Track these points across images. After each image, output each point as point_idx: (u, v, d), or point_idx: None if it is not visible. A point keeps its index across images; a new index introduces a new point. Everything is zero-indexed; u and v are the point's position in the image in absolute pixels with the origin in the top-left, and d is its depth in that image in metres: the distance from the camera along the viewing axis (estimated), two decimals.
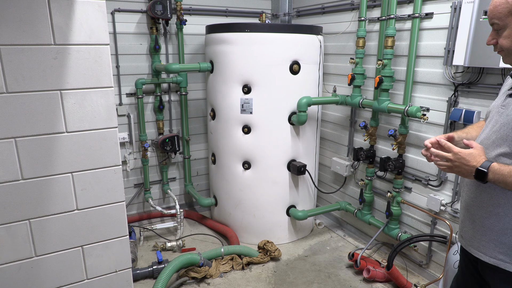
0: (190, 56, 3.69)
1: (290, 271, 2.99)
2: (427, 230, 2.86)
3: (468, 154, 1.34)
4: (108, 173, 1.80)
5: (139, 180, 3.73)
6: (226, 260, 3.00)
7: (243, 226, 3.40)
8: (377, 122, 3.07)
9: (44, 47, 1.51)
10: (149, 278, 2.85)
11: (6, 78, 1.47)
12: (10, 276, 1.70)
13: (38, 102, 1.55)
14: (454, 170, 1.39)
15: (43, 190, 1.66)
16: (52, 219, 1.73)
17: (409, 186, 2.95)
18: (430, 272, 2.87)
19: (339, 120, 3.56)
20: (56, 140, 1.64)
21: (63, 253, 1.81)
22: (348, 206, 3.45)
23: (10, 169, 1.57)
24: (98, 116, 1.70)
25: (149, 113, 3.62)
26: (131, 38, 3.38)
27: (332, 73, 3.55)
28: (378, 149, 3.16)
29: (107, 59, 1.66)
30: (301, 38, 3.04)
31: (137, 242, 3.35)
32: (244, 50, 3.00)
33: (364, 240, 3.46)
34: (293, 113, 3.13)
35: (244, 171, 3.25)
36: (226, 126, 3.22)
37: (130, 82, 3.44)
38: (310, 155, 3.36)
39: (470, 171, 1.34)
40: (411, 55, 2.67)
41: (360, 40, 3.00)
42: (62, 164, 1.68)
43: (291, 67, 3.03)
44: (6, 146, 1.54)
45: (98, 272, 1.95)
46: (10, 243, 1.66)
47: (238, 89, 3.08)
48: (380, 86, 2.77)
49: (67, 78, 1.58)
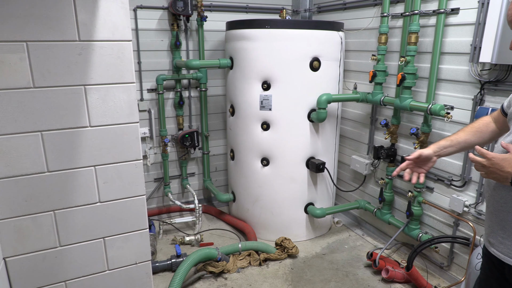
0: (210, 52, 3.72)
1: (307, 268, 2.98)
2: (449, 232, 2.79)
3: (502, 159, 1.29)
4: (129, 167, 1.83)
5: (159, 174, 3.79)
6: (244, 256, 3.01)
7: (260, 222, 3.41)
8: (398, 120, 3.01)
9: (69, 43, 1.54)
10: (168, 271, 2.89)
11: (33, 73, 1.52)
12: (36, 265, 1.77)
13: (63, 97, 1.59)
14: (490, 176, 1.34)
15: (67, 182, 1.71)
16: (76, 211, 1.77)
17: (431, 186, 2.88)
18: (452, 275, 2.80)
19: (359, 117, 3.51)
20: (80, 134, 1.68)
21: (85, 244, 1.86)
22: (368, 205, 3.41)
23: (37, 161, 1.63)
24: (120, 111, 1.73)
25: (169, 108, 3.67)
26: (153, 34, 3.42)
27: (353, 70, 3.50)
28: (399, 148, 3.10)
29: (129, 55, 1.69)
30: (321, 34, 3.01)
31: (157, 236, 3.41)
32: (264, 47, 2.99)
33: (383, 240, 3.41)
34: (312, 110, 3.10)
35: (262, 167, 3.25)
36: (245, 123, 3.22)
37: (151, 78, 3.49)
38: (329, 153, 3.33)
39: (505, 177, 1.29)
40: (435, 52, 2.60)
41: (382, 36, 2.94)
42: (86, 157, 1.72)
43: (311, 63, 3.00)
44: (33, 139, 1.59)
45: (118, 264, 1.99)
46: (36, 233, 1.72)
47: (257, 86, 3.08)
48: (403, 83, 2.71)
49: (91, 73, 1.62)
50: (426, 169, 1.64)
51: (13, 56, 1.48)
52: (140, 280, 2.12)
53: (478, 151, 1.34)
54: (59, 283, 1.86)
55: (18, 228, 1.68)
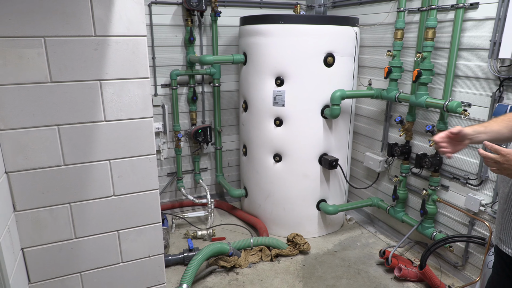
0: (224, 47, 3.72)
1: (319, 265, 2.98)
2: (464, 231, 2.75)
3: None
4: (143, 161, 1.86)
5: (172, 169, 3.83)
6: (255, 251, 3.02)
7: (272, 218, 3.41)
8: (414, 117, 2.97)
9: (85, 38, 1.56)
10: (180, 264, 2.93)
11: (51, 68, 1.54)
12: (52, 255, 1.81)
13: (79, 91, 1.62)
14: (504, 172, 1.32)
15: (83, 175, 1.74)
16: (91, 204, 1.81)
17: (446, 184, 2.83)
18: (466, 274, 2.76)
19: (373, 114, 3.47)
20: (95, 128, 1.70)
21: (100, 237, 1.89)
22: (381, 203, 3.38)
23: (53, 155, 1.66)
24: (134, 106, 1.75)
25: (182, 104, 3.69)
26: (167, 30, 3.44)
27: (368, 66, 3.45)
28: (414, 145, 3.06)
29: (144, 51, 1.71)
30: (336, 29, 2.98)
31: (169, 229, 3.45)
32: (278, 42, 2.97)
33: (396, 238, 3.38)
34: (326, 106, 3.08)
35: (275, 163, 3.25)
36: (258, 118, 3.22)
37: (165, 73, 3.51)
38: (342, 149, 3.30)
39: None
40: (453, 48, 2.55)
41: (398, 31, 2.89)
42: (101, 151, 1.75)
43: (325, 59, 2.98)
44: (50, 133, 1.62)
45: (132, 256, 2.02)
46: (53, 225, 1.75)
47: (271, 81, 3.07)
48: (419, 79, 2.66)
49: (106, 68, 1.64)
50: (455, 149, 1.54)
51: (31, 51, 1.51)
52: (153, 273, 2.15)
53: (490, 147, 1.31)
54: (74, 274, 1.90)
55: (36, 220, 1.72)
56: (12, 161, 1.61)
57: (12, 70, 1.49)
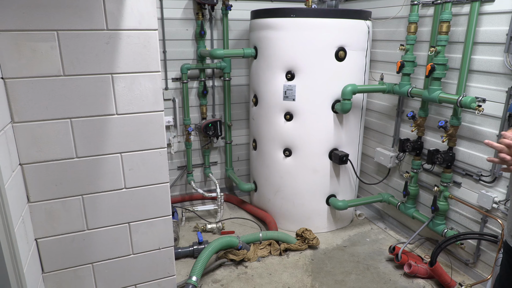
0: (235, 41, 3.71)
1: (328, 260, 2.97)
2: (476, 228, 2.71)
3: None
4: (154, 155, 1.87)
5: (182, 162, 3.85)
6: (264, 245, 3.03)
7: (282, 212, 3.41)
8: (426, 113, 2.93)
9: (97, 32, 1.57)
10: (190, 257, 2.96)
11: (64, 62, 1.56)
12: (65, 246, 1.84)
13: (91, 85, 1.63)
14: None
15: (95, 168, 1.76)
16: (103, 196, 1.83)
17: (458, 181, 2.80)
18: (477, 272, 2.73)
19: (385, 109, 3.43)
20: (107, 121, 1.72)
21: (111, 228, 1.91)
22: (391, 199, 3.35)
23: (66, 147, 1.68)
24: (145, 100, 1.76)
25: (193, 98, 3.70)
26: (178, 23, 3.44)
27: (380, 60, 3.41)
28: (426, 141, 3.02)
29: (155, 44, 1.71)
30: (348, 23, 2.94)
31: (179, 222, 3.48)
32: (289, 36, 2.95)
33: (406, 234, 3.35)
34: (337, 101, 3.05)
35: (284, 158, 3.24)
36: (268, 113, 3.21)
37: (176, 67, 3.52)
38: (353, 145, 3.28)
39: None
40: (468, 42, 2.49)
41: (412, 25, 2.84)
42: (112, 144, 1.76)
43: (336, 53, 2.95)
44: (63, 126, 1.64)
45: (143, 248, 2.05)
46: (65, 216, 1.78)
47: (281, 76, 3.06)
48: (432, 74, 2.62)
49: (118, 62, 1.65)
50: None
51: (45, 45, 1.52)
52: (163, 265, 2.17)
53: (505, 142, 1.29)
54: (86, 265, 1.93)
55: (49, 211, 1.75)
56: (26, 153, 1.64)
57: (26, 64, 1.51)
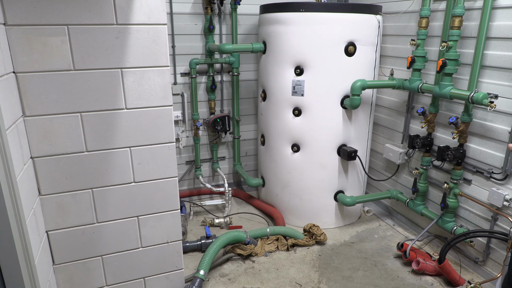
0: (243, 36, 3.69)
1: (335, 256, 2.97)
2: (486, 226, 2.68)
3: None
4: (162, 149, 1.88)
5: (190, 157, 3.87)
6: (272, 240, 3.04)
7: (289, 208, 3.41)
8: (436, 109, 2.89)
9: (107, 26, 1.58)
10: (198, 251, 2.98)
11: (74, 56, 1.57)
12: (75, 239, 1.86)
13: (101, 79, 1.64)
14: None
15: (104, 162, 1.78)
16: (112, 190, 1.85)
17: (468, 178, 2.76)
18: (487, 270, 2.70)
19: (395, 105, 3.40)
20: (116, 116, 1.73)
21: (121, 222, 1.94)
22: (400, 195, 3.33)
23: (76, 141, 1.70)
24: (154, 94, 1.77)
25: (201, 92, 3.71)
26: (187, 18, 3.44)
27: (390, 55, 3.37)
28: (436, 137, 2.98)
29: (164, 39, 1.71)
30: (358, 18, 2.91)
31: (187, 217, 3.50)
32: (298, 31, 2.93)
33: (414, 231, 3.33)
34: (346, 96, 3.03)
35: (293, 153, 3.24)
36: (277, 108, 3.20)
37: (185, 62, 3.52)
38: (361, 141, 3.26)
39: None
40: (480, 37, 2.45)
41: (423, 20, 2.80)
42: (121, 139, 1.78)
43: (346, 48, 2.92)
44: (73, 120, 1.66)
45: (151, 242, 2.07)
46: (75, 209, 1.81)
47: (290, 71, 3.04)
48: (443, 70, 2.58)
49: (127, 56, 1.65)
50: None
51: (55, 39, 1.53)
52: (171, 259, 2.19)
53: None
54: (96, 257, 1.96)
55: (59, 204, 1.77)
56: (37, 147, 1.66)
57: (37, 58, 1.52)
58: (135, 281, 2.11)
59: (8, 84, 1.42)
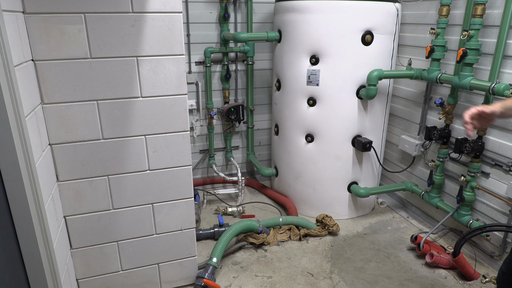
0: (259, 25, 3.66)
1: (348, 247, 2.97)
2: (504, 220, 2.63)
3: None
4: (177, 138, 1.89)
5: (204, 146, 3.89)
6: (284, 230, 3.05)
7: (302, 198, 3.41)
8: (455, 100, 2.82)
9: (123, 15, 1.58)
10: (211, 239, 3.01)
11: (91, 44, 1.58)
12: (92, 224, 1.91)
13: (117, 67, 1.65)
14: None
15: (120, 150, 1.80)
16: (127, 177, 1.88)
17: (486, 171, 2.70)
18: None
19: (412, 95, 3.33)
20: (132, 104, 1.75)
21: (136, 209, 1.97)
22: (415, 187, 3.28)
23: (93, 129, 1.72)
24: (169, 83, 1.77)
25: (216, 81, 3.70)
26: (202, 6, 3.42)
27: (408, 44, 3.29)
28: (454, 129, 2.92)
29: (179, 27, 1.71)
30: (376, 6, 2.84)
31: (201, 205, 3.54)
32: (314, 19, 2.89)
33: (429, 224, 3.29)
34: (362, 86, 2.99)
35: (306, 143, 3.22)
36: (291, 98, 3.18)
37: (199, 50, 3.52)
38: (377, 132, 3.21)
39: None
40: (504, 25, 2.37)
41: (444, 8, 2.72)
42: (137, 127, 1.80)
43: (363, 37, 2.86)
44: (90, 108, 1.68)
45: (165, 229, 2.10)
46: (92, 196, 1.84)
47: (305, 60, 3.01)
48: (463, 59, 2.51)
49: (143, 45, 1.66)
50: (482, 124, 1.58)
51: (73, 28, 1.54)
52: (185, 246, 2.22)
53: None
54: (111, 243, 2.00)
55: (77, 190, 1.81)
56: (55, 134, 1.69)
57: (54, 46, 1.54)
58: (149, 266, 2.16)
59: (27, 72, 1.45)
